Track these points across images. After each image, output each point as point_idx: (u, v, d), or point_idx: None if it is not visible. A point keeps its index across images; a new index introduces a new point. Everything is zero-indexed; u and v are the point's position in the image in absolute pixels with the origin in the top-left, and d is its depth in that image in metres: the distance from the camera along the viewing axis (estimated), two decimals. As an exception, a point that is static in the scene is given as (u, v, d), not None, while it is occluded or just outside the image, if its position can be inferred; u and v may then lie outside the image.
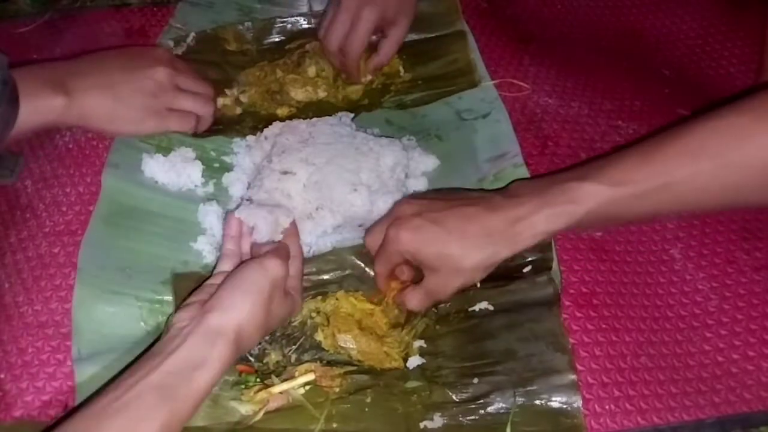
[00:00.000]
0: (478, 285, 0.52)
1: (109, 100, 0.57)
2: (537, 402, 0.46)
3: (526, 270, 0.53)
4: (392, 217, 0.51)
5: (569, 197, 0.46)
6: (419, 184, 0.60)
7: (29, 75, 0.55)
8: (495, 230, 0.47)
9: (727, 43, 0.74)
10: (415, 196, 0.57)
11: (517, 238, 0.47)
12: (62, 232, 0.56)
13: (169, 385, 0.40)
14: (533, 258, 0.53)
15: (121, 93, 0.58)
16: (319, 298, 0.52)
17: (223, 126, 0.66)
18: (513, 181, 0.52)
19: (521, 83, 0.68)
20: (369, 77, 0.70)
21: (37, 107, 0.54)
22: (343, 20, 0.65)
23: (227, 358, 0.43)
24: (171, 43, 0.71)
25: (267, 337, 0.50)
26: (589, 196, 0.46)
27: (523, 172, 0.58)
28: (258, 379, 0.48)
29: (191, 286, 0.49)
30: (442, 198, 0.51)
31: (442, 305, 0.52)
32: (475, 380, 0.48)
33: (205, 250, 0.55)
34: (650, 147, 0.46)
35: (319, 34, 0.68)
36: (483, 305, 0.51)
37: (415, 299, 0.51)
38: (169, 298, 0.52)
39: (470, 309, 0.51)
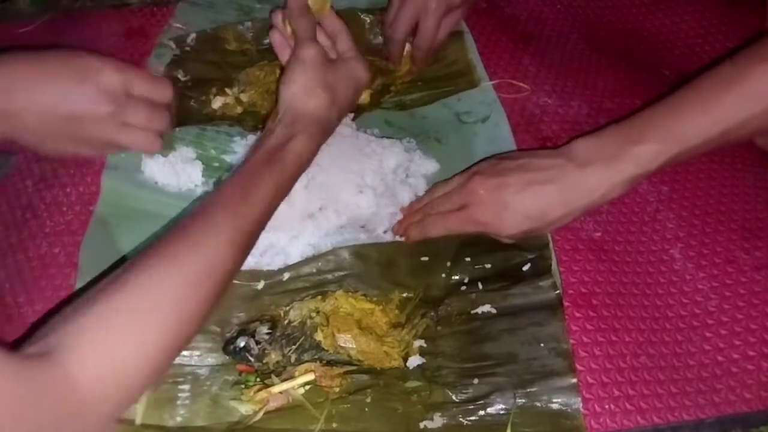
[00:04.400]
0: (480, 287, 0.52)
1: (39, 128, 0.50)
2: (537, 403, 0.46)
3: (525, 268, 0.53)
4: (465, 192, 0.53)
5: (637, 162, 0.49)
6: (418, 185, 0.60)
7: None
8: (571, 201, 0.51)
9: (727, 43, 0.74)
10: (489, 165, 0.55)
11: (592, 205, 0.51)
12: (62, 232, 0.56)
13: (273, 156, 0.48)
14: (532, 257, 0.53)
15: (56, 126, 0.50)
16: (319, 297, 0.52)
17: (224, 125, 0.66)
18: (574, 138, 0.53)
19: (521, 84, 0.68)
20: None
21: None
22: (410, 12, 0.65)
23: (314, 128, 0.51)
24: (171, 43, 0.71)
25: (266, 337, 0.50)
26: (656, 157, 0.49)
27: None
28: (258, 379, 0.48)
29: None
30: (517, 172, 0.52)
31: (443, 307, 0.52)
32: (476, 381, 0.48)
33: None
34: (707, 94, 0.49)
35: (387, 22, 0.68)
36: (485, 308, 0.51)
37: (457, 223, 0.54)
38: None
39: (472, 311, 0.51)
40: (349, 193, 0.57)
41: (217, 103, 0.68)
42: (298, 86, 0.53)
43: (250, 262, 0.54)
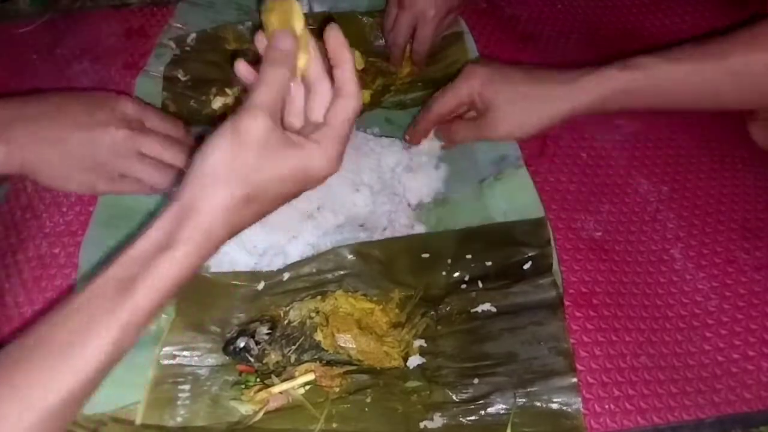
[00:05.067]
0: (480, 285, 0.52)
1: (55, 157, 0.50)
2: (537, 403, 0.46)
3: (526, 267, 0.53)
4: (463, 70, 0.58)
5: (630, 64, 0.54)
6: (418, 179, 0.60)
7: None
8: (562, 80, 0.55)
9: (727, 42, 0.74)
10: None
11: (580, 89, 0.55)
12: (62, 233, 0.56)
13: (129, 276, 0.35)
14: (532, 254, 0.53)
15: (71, 151, 0.50)
16: (319, 298, 0.52)
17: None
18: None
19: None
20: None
21: None
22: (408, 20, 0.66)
23: (201, 238, 0.36)
24: (171, 43, 0.71)
25: (266, 338, 0.50)
26: (646, 66, 0.53)
27: (524, 173, 0.58)
28: (258, 379, 0.48)
29: (192, 286, 0.49)
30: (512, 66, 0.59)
31: (443, 306, 0.52)
32: (476, 381, 0.48)
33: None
34: (686, 48, 0.54)
35: (386, 29, 0.69)
36: (485, 307, 0.51)
37: (466, 129, 0.59)
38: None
39: (473, 310, 0.51)
40: (345, 192, 0.57)
41: (217, 103, 0.68)
42: (209, 166, 0.37)
43: (250, 263, 0.54)
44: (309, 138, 0.41)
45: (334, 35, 0.42)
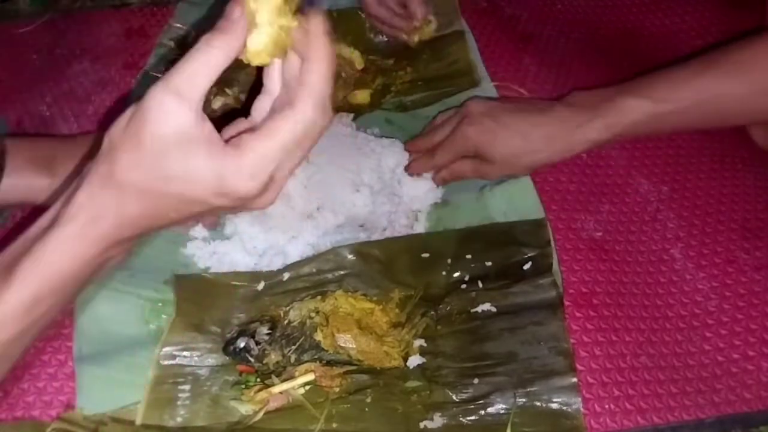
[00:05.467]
0: (480, 285, 0.52)
1: None
2: (537, 403, 0.46)
3: (526, 267, 0.53)
4: (462, 114, 0.59)
5: (618, 111, 0.54)
6: (419, 184, 0.60)
7: (18, 148, 0.51)
8: (555, 136, 0.56)
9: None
10: (484, 98, 0.62)
11: (572, 144, 0.56)
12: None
13: (5, 265, 0.31)
14: (533, 254, 0.53)
15: None
16: (319, 298, 0.52)
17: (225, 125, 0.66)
18: (573, 90, 0.59)
19: (519, 89, 0.68)
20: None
21: (17, 185, 0.50)
22: None
23: (84, 218, 0.31)
24: (171, 44, 0.71)
25: (266, 338, 0.50)
26: (635, 111, 0.53)
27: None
28: (258, 379, 0.48)
29: (193, 286, 0.49)
30: (510, 103, 0.60)
31: (443, 305, 0.52)
32: (476, 381, 0.48)
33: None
34: (693, 67, 0.53)
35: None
36: (485, 307, 0.51)
37: (467, 166, 0.59)
38: (171, 297, 0.52)
39: (473, 310, 0.51)
40: (345, 192, 0.57)
41: (217, 102, 0.68)
42: (108, 143, 0.32)
43: (250, 264, 0.54)
44: (234, 142, 0.32)
45: (311, 24, 0.32)
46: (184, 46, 0.72)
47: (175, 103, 0.30)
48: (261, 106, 0.36)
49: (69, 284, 0.32)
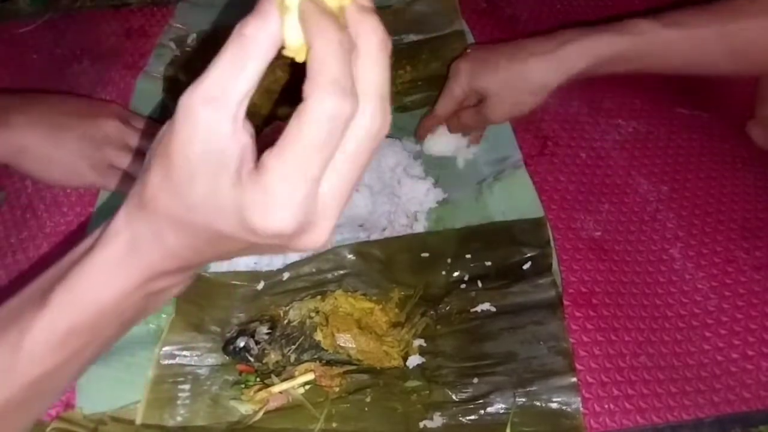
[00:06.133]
0: (480, 285, 0.52)
1: (49, 142, 0.52)
2: (537, 403, 0.46)
3: (525, 267, 0.53)
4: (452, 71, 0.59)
5: (621, 28, 0.53)
6: (419, 185, 0.60)
7: None
8: (545, 52, 0.54)
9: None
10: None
11: (565, 59, 0.54)
12: (63, 233, 0.56)
13: (47, 287, 0.28)
14: (532, 254, 0.53)
15: (64, 137, 0.52)
16: (318, 297, 0.52)
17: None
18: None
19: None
20: None
21: None
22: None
23: (124, 248, 0.28)
24: (172, 44, 0.71)
25: (266, 337, 0.50)
26: (643, 30, 0.52)
27: (523, 173, 0.59)
28: (258, 379, 0.48)
29: (192, 286, 0.49)
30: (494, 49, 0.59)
31: (443, 305, 0.52)
32: (475, 380, 0.48)
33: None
34: (672, 13, 0.53)
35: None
36: (485, 306, 0.51)
37: (470, 117, 0.59)
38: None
39: (472, 310, 0.51)
40: None
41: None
42: (147, 166, 0.27)
43: (250, 264, 0.54)
44: (263, 167, 0.25)
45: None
46: (183, 46, 0.72)
47: (206, 113, 0.24)
48: None
49: (108, 317, 0.29)
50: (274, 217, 0.24)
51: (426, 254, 0.55)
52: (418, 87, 0.69)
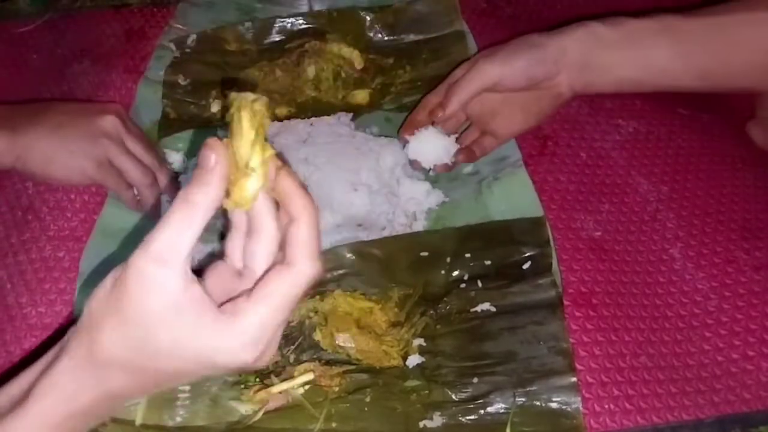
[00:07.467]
0: (480, 284, 0.52)
1: (54, 141, 0.54)
2: (537, 403, 0.46)
3: (525, 267, 0.53)
4: (473, 60, 0.58)
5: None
6: (418, 186, 0.60)
7: None
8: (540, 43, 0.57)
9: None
10: None
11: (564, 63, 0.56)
12: (67, 238, 0.56)
13: None
14: (532, 254, 0.53)
15: (66, 135, 0.54)
16: (317, 297, 0.52)
17: (225, 126, 0.66)
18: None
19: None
20: None
21: None
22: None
23: (60, 400, 0.30)
24: (172, 45, 0.71)
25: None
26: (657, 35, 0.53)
27: (523, 173, 0.58)
28: (257, 379, 0.48)
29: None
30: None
31: (443, 305, 0.52)
32: (475, 380, 0.48)
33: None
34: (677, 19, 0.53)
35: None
36: (485, 306, 0.51)
37: (485, 142, 0.59)
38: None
39: (472, 310, 0.51)
40: (343, 192, 0.57)
41: (216, 106, 0.68)
42: (88, 319, 0.31)
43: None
44: (227, 308, 0.30)
45: (286, 177, 0.31)
46: (183, 47, 0.72)
47: (159, 272, 0.28)
48: (234, 245, 0.34)
49: None
50: (246, 353, 0.30)
51: (425, 254, 0.55)
52: (418, 87, 0.69)
